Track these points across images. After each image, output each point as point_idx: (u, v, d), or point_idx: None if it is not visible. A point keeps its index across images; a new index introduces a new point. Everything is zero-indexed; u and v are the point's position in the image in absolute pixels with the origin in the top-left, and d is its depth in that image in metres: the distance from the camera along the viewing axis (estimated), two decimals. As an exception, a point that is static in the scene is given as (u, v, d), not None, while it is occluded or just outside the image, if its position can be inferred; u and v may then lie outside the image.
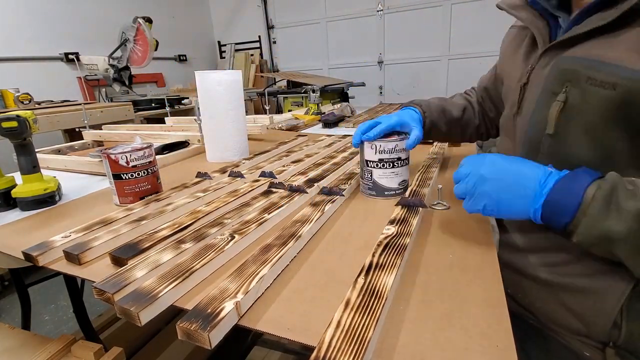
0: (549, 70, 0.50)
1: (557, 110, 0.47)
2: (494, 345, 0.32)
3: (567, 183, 0.40)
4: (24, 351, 0.60)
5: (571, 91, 0.46)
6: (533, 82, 0.54)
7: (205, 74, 0.93)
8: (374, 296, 0.36)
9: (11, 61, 2.60)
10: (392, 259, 0.43)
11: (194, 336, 0.32)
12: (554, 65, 0.49)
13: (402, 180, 0.64)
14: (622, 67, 0.40)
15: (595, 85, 0.43)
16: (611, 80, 0.41)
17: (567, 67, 0.47)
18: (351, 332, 0.31)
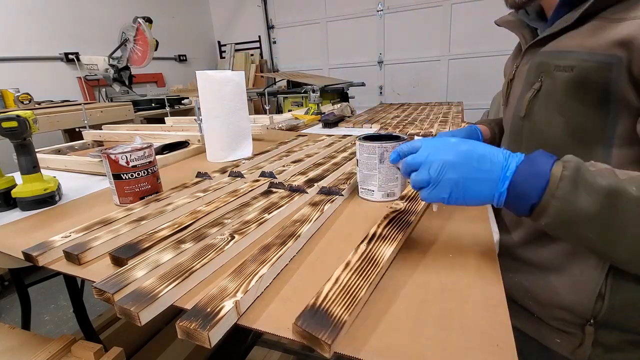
0: (529, 66, 0.59)
1: (530, 96, 0.57)
2: (494, 344, 0.32)
3: (530, 165, 0.40)
4: (24, 351, 0.60)
5: (545, 80, 0.54)
6: (517, 77, 0.64)
7: (209, 73, 0.93)
8: (371, 263, 0.40)
9: (11, 61, 2.61)
10: (395, 233, 0.47)
11: (194, 335, 0.32)
12: (532, 61, 0.58)
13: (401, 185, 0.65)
14: (577, 51, 0.50)
15: (559, 70, 0.52)
16: (570, 63, 0.50)
17: (541, 61, 0.56)
18: (346, 289, 0.36)
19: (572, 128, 0.52)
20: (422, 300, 0.38)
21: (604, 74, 0.47)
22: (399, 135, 0.65)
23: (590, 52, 0.48)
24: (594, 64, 0.48)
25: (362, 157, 0.64)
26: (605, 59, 0.46)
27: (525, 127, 0.60)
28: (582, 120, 0.51)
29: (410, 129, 1.21)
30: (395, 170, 0.63)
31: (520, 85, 0.61)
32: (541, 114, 0.56)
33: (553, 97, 0.54)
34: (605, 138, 0.50)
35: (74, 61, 2.92)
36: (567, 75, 0.51)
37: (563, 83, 0.51)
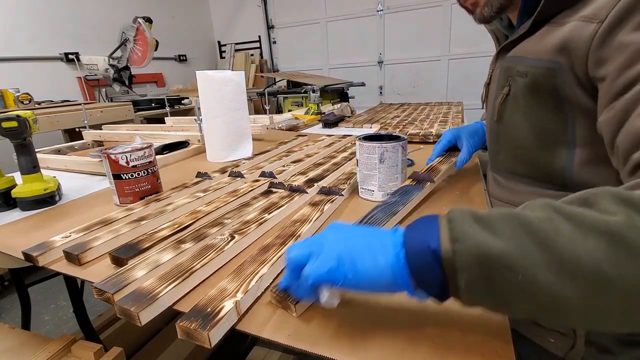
0: (500, 70, 0.61)
1: (500, 100, 0.59)
2: (492, 347, 0.32)
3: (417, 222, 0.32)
4: (24, 351, 0.60)
5: (512, 84, 0.56)
6: (492, 81, 0.65)
7: (209, 73, 0.93)
8: None
9: (11, 61, 2.60)
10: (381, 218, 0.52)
11: (194, 335, 0.32)
12: (501, 65, 0.60)
13: None
14: (529, 58, 0.52)
15: (519, 75, 0.54)
16: (524, 69, 0.53)
17: (507, 65, 0.58)
18: None
19: (536, 131, 0.54)
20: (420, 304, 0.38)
21: (550, 80, 0.49)
22: (399, 135, 0.65)
23: (538, 58, 0.50)
24: (542, 70, 0.50)
25: (362, 157, 0.64)
26: (549, 65, 0.48)
27: (499, 130, 0.62)
28: (543, 123, 0.53)
29: (410, 129, 1.21)
30: (396, 170, 0.63)
31: (494, 89, 0.64)
32: (510, 117, 0.58)
33: (517, 101, 0.56)
34: (566, 139, 0.52)
35: (74, 61, 2.92)
36: (524, 81, 0.53)
37: (522, 88, 0.54)
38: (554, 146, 0.53)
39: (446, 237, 0.29)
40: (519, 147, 0.57)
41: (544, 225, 0.27)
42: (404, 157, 0.63)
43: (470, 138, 0.77)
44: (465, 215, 0.30)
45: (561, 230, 0.26)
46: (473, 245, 0.27)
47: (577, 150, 0.51)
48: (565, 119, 0.51)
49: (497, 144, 0.65)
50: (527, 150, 0.57)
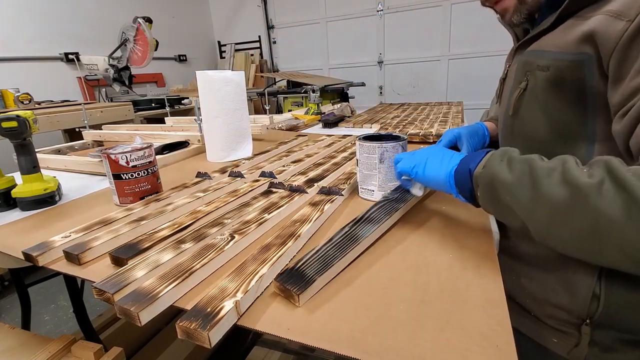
0: (517, 65, 0.61)
1: (517, 95, 0.59)
2: (494, 345, 0.32)
3: (475, 152, 0.48)
4: (24, 351, 0.60)
5: (530, 79, 0.56)
6: (509, 76, 0.66)
7: (209, 73, 0.93)
8: (351, 240, 0.47)
9: (11, 61, 2.60)
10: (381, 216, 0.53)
11: (194, 335, 0.32)
12: (519, 60, 0.60)
13: None
14: (551, 51, 0.52)
15: (539, 69, 0.54)
16: (546, 63, 0.53)
17: (526, 60, 0.58)
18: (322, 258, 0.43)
19: (555, 125, 0.54)
20: (421, 300, 0.38)
21: (576, 72, 0.49)
22: (399, 135, 0.65)
23: (562, 51, 0.50)
24: (567, 63, 0.50)
25: (362, 157, 0.64)
26: (576, 57, 0.48)
27: (514, 125, 0.62)
28: (563, 118, 0.53)
29: (410, 129, 1.21)
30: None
31: (510, 84, 0.64)
32: (527, 112, 0.58)
33: (536, 96, 0.56)
34: (586, 134, 0.52)
35: (74, 61, 2.92)
36: (545, 75, 0.53)
37: (542, 82, 0.54)
38: (573, 141, 0.53)
39: (482, 164, 0.44)
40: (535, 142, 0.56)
41: (544, 172, 0.39)
42: None
43: (470, 138, 0.77)
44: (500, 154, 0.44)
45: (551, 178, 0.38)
46: (491, 172, 0.42)
47: (597, 146, 0.51)
48: (586, 113, 0.51)
49: (512, 139, 0.64)
50: (545, 144, 0.56)
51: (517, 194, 0.40)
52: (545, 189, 0.37)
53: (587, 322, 0.52)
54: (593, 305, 0.51)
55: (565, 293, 0.54)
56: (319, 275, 0.40)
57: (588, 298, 0.51)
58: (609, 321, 0.51)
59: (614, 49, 0.44)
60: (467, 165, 0.46)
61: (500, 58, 3.41)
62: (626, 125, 0.43)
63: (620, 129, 0.44)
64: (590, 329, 0.52)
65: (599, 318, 0.51)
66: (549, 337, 0.57)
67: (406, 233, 0.53)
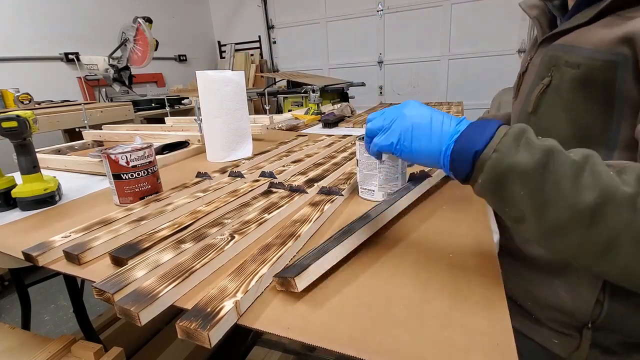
0: (541, 59, 0.57)
1: (539, 90, 0.55)
2: (494, 344, 0.32)
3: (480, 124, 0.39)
4: (24, 351, 0.60)
5: (555, 75, 0.53)
6: (530, 70, 0.61)
7: (209, 73, 0.93)
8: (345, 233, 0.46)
9: (11, 61, 2.60)
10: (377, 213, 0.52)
11: (194, 335, 0.32)
12: (544, 54, 0.56)
13: None
14: (585, 48, 0.48)
15: (568, 66, 0.50)
16: (577, 60, 0.49)
17: (552, 54, 0.54)
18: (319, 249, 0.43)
19: (576, 127, 0.51)
20: (422, 300, 0.38)
21: (609, 74, 0.46)
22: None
23: (596, 49, 0.47)
24: (600, 63, 0.46)
25: (362, 157, 0.64)
26: (611, 57, 0.45)
27: (531, 122, 0.58)
28: (586, 120, 0.50)
29: (410, 129, 1.21)
30: (396, 170, 0.63)
31: (531, 79, 0.60)
32: (548, 110, 0.55)
33: (560, 94, 0.52)
34: (608, 140, 0.49)
35: (74, 61, 2.92)
36: (574, 73, 0.49)
37: (570, 80, 0.50)
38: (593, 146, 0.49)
39: (491, 146, 0.36)
40: None
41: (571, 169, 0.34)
42: None
43: None
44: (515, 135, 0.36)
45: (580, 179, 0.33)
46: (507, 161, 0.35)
47: (616, 153, 0.49)
48: (612, 118, 0.48)
49: None
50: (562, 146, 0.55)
51: (533, 188, 0.34)
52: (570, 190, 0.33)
53: (588, 326, 0.52)
54: (596, 310, 0.50)
55: (569, 297, 0.53)
56: (313, 261, 0.40)
57: (592, 303, 0.50)
58: (611, 325, 0.51)
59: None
60: (471, 145, 0.37)
61: (500, 58, 3.42)
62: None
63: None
64: (591, 332, 0.52)
65: (601, 323, 0.50)
66: (550, 338, 0.56)
67: (406, 232, 0.53)
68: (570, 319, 0.53)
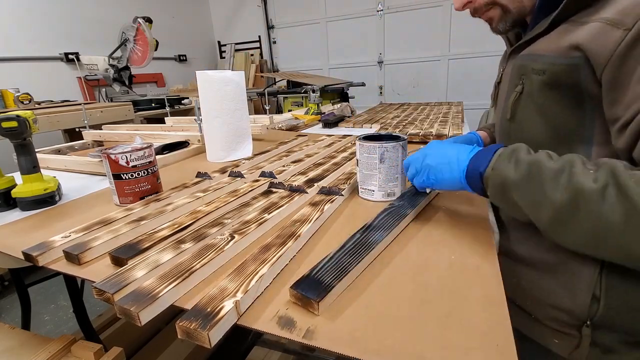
0: (511, 69, 0.61)
1: (513, 98, 0.59)
2: (494, 344, 0.32)
3: (484, 151, 0.50)
4: (24, 351, 0.60)
5: (525, 82, 0.57)
6: (504, 80, 0.66)
7: (209, 73, 0.93)
8: (363, 247, 0.46)
9: (11, 61, 2.61)
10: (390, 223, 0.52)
11: (194, 335, 0.32)
12: (514, 64, 0.60)
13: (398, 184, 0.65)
14: (546, 55, 0.52)
15: (535, 73, 0.54)
16: (542, 67, 0.53)
17: (520, 63, 0.58)
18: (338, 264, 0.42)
19: (553, 128, 0.54)
20: (422, 300, 0.38)
21: (572, 76, 0.49)
22: (399, 136, 0.65)
23: (556, 55, 0.51)
24: (562, 67, 0.50)
25: (362, 157, 0.64)
26: (571, 61, 0.48)
27: (511, 128, 0.62)
28: (561, 121, 0.53)
29: (410, 129, 1.21)
30: (396, 170, 0.63)
31: (505, 88, 0.64)
32: (524, 115, 0.58)
33: (532, 99, 0.56)
34: (584, 137, 0.52)
35: (74, 61, 2.92)
36: (541, 78, 0.53)
37: (539, 85, 0.54)
38: (571, 144, 0.53)
39: (490, 166, 0.46)
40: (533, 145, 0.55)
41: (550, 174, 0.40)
42: (404, 157, 0.63)
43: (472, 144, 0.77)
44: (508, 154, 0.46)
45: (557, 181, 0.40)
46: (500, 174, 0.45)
47: (594, 148, 0.51)
48: (584, 115, 0.51)
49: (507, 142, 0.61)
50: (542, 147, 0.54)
51: (523, 194, 0.43)
52: (550, 192, 0.40)
53: (587, 324, 0.52)
54: (593, 307, 0.51)
55: (565, 295, 0.54)
56: (337, 281, 0.39)
57: (588, 299, 0.51)
58: (610, 323, 0.51)
59: (610, 58, 0.43)
60: (477, 168, 0.48)
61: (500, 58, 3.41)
62: (627, 140, 0.43)
63: (621, 144, 0.45)
64: (590, 330, 0.52)
65: (599, 320, 0.51)
66: (550, 338, 0.57)
67: (405, 232, 0.53)
68: (569, 317, 0.54)
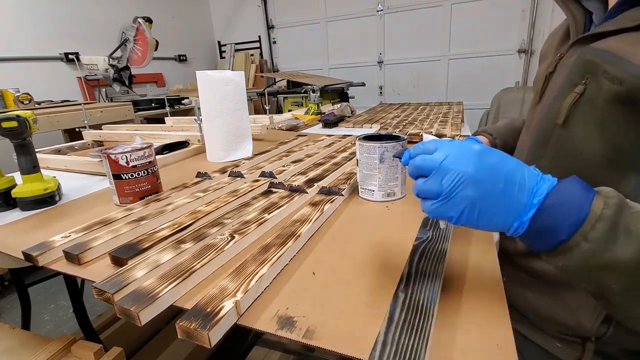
0: (574, 60, 0.49)
1: (571, 101, 0.48)
2: (494, 344, 0.32)
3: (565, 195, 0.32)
4: (24, 351, 0.60)
5: (590, 84, 0.46)
6: (559, 71, 0.54)
7: (209, 73, 0.93)
8: (419, 313, 0.33)
9: (11, 61, 2.60)
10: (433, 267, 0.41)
11: (194, 335, 0.32)
12: (579, 56, 0.48)
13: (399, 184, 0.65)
14: (632, 63, 0.40)
15: (607, 78, 0.43)
16: (620, 75, 0.41)
17: (589, 59, 0.46)
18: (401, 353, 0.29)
19: (609, 147, 0.45)
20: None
21: None
22: (399, 135, 0.65)
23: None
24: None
25: (362, 157, 0.64)
26: None
27: (556, 134, 0.51)
28: (622, 141, 0.44)
29: (410, 129, 1.21)
30: (396, 170, 0.63)
31: (559, 82, 0.52)
32: (579, 124, 0.48)
33: (595, 107, 0.45)
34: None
35: (74, 61, 2.92)
36: (615, 89, 0.42)
37: (607, 94, 0.43)
38: (625, 170, 0.44)
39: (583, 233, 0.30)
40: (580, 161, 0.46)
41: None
42: None
43: None
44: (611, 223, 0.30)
45: None
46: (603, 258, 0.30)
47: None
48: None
49: (542, 148, 0.53)
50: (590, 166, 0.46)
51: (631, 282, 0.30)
52: None
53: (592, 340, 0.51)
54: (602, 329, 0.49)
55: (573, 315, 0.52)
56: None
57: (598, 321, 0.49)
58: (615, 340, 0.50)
59: None
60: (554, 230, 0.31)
61: (500, 58, 3.42)
62: None
63: None
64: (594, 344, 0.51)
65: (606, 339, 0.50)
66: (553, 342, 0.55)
67: (406, 232, 0.53)
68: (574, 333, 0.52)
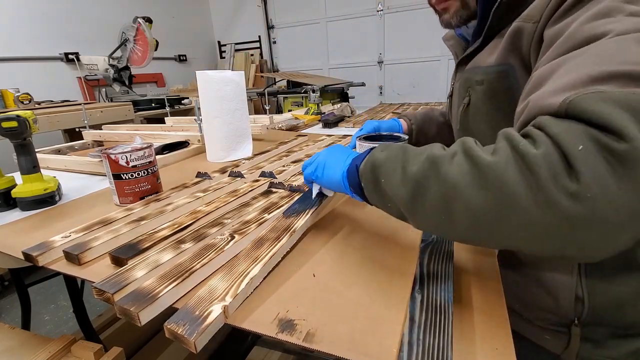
0: (460, 82, 0.64)
1: (461, 110, 0.62)
2: (493, 348, 0.32)
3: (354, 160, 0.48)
4: (24, 351, 0.61)
5: (472, 94, 0.59)
6: (455, 93, 0.68)
7: (209, 73, 0.93)
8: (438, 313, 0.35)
9: (11, 61, 2.61)
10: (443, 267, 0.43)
11: (181, 340, 0.32)
12: (461, 77, 0.63)
13: None
14: (482, 66, 0.56)
15: (477, 84, 0.57)
16: (480, 77, 0.56)
17: (466, 76, 0.61)
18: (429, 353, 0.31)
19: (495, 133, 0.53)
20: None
21: (504, 82, 0.52)
22: (399, 136, 0.65)
23: (490, 64, 0.54)
24: (494, 75, 0.53)
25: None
26: (500, 68, 0.52)
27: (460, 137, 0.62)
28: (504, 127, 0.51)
29: (410, 129, 1.21)
30: None
31: (456, 100, 0.66)
32: (473, 126, 0.61)
33: (478, 109, 0.59)
34: None
35: (74, 61, 2.93)
36: (481, 88, 0.56)
37: (481, 96, 0.57)
38: None
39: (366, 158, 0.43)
40: None
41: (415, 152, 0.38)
42: None
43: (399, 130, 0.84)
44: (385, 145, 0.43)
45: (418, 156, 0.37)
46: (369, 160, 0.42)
47: None
48: None
49: None
50: None
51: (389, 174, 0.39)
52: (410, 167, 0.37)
53: (575, 323, 0.52)
54: (578, 307, 0.51)
55: (548, 296, 0.54)
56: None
57: (572, 300, 0.51)
58: (598, 320, 0.51)
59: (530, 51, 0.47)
60: (355, 162, 0.46)
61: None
62: None
63: None
64: (580, 328, 0.52)
65: (587, 318, 0.51)
66: (542, 335, 0.57)
67: (406, 232, 0.53)
68: (557, 317, 0.54)
